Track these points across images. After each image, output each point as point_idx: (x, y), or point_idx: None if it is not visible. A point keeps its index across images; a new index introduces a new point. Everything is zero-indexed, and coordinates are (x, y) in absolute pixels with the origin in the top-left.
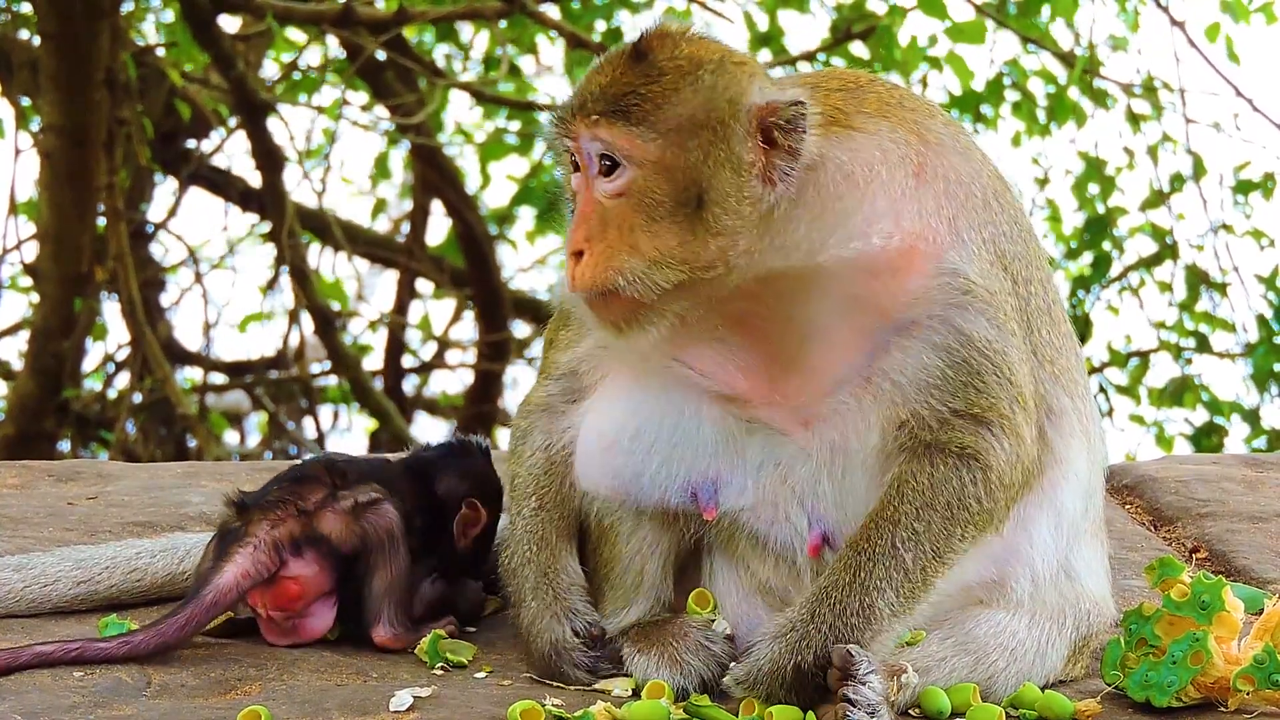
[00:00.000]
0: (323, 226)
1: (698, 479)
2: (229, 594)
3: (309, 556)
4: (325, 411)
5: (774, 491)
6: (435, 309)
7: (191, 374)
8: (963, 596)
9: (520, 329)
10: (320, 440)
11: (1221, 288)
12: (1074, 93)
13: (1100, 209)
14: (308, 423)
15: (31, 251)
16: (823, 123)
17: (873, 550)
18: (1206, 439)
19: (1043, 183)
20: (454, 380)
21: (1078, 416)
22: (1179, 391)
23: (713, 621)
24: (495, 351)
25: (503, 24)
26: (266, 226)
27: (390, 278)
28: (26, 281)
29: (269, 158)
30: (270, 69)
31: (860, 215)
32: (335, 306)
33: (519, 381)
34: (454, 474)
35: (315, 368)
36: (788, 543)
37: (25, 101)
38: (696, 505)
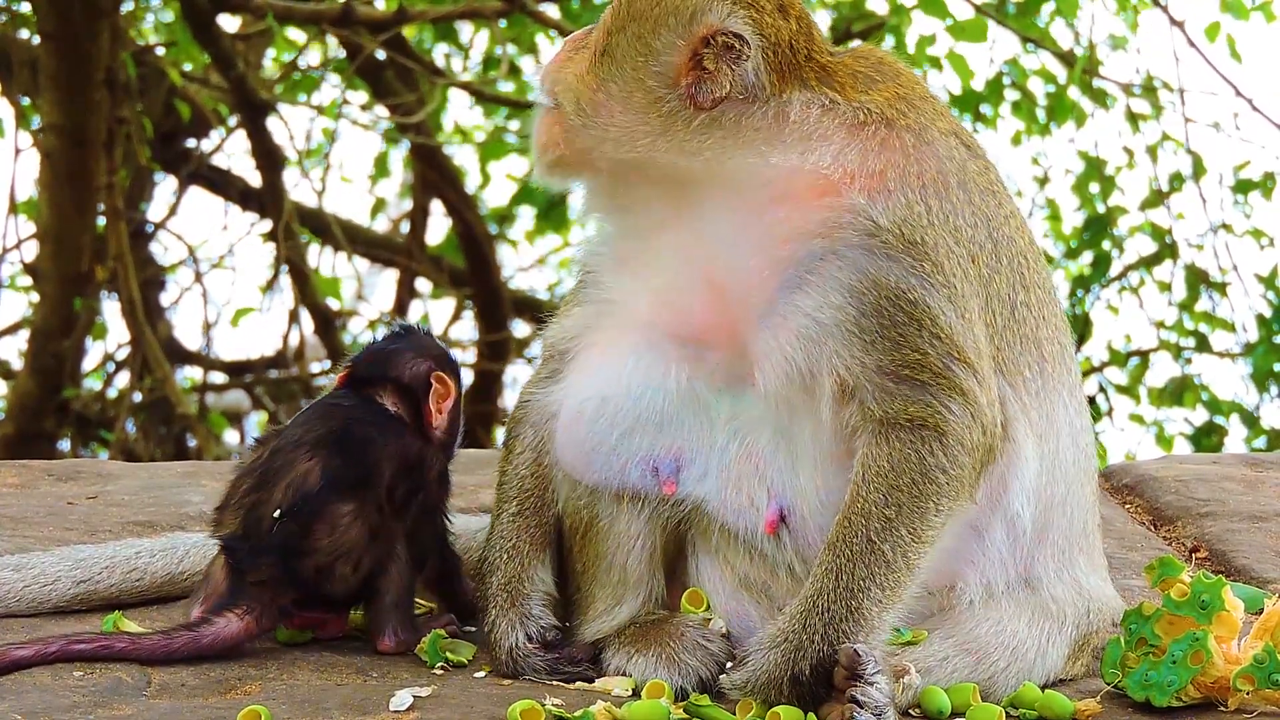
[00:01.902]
0: (322, 226)
1: (659, 453)
2: (227, 645)
3: (315, 609)
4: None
5: (737, 472)
6: (435, 308)
7: (191, 373)
8: (922, 602)
9: (520, 329)
10: None
11: (1221, 287)
12: (1074, 92)
13: (1100, 208)
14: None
15: (31, 251)
16: (800, 77)
17: (850, 550)
18: (1206, 439)
19: (1043, 182)
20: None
21: (1021, 412)
22: (1179, 391)
23: (708, 620)
24: (495, 351)
25: (502, 23)
26: (266, 226)
27: (390, 277)
28: (26, 281)
29: (269, 157)
30: (270, 69)
31: (770, 146)
32: (334, 306)
33: (519, 381)
34: (411, 356)
35: (315, 367)
36: (754, 529)
37: (25, 101)
38: (657, 480)
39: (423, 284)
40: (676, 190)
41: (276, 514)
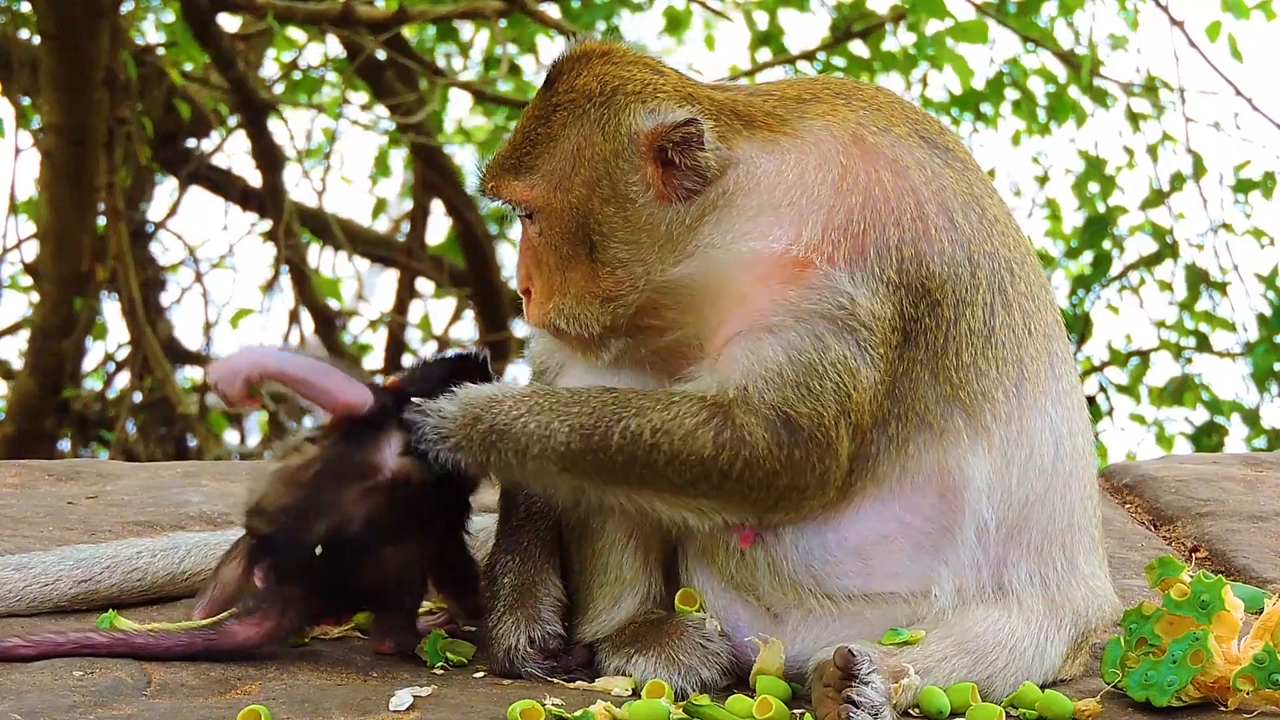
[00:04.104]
0: (322, 226)
1: None
2: (229, 650)
3: (334, 617)
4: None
5: None
6: (435, 308)
7: (191, 373)
8: (886, 608)
9: (521, 328)
10: None
11: (1221, 287)
12: (1074, 92)
13: (1100, 208)
14: (308, 422)
15: (31, 251)
16: (747, 129)
17: (600, 402)
18: (1206, 438)
19: (1043, 181)
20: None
21: (971, 434)
22: (1179, 391)
23: (704, 620)
24: (495, 351)
25: (503, 23)
26: (266, 226)
27: (390, 277)
28: (26, 281)
29: (269, 157)
30: (270, 69)
31: (765, 217)
32: (335, 306)
33: (519, 381)
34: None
35: None
36: (731, 537)
37: (25, 101)
38: None
39: (423, 284)
40: (661, 295)
41: (319, 550)
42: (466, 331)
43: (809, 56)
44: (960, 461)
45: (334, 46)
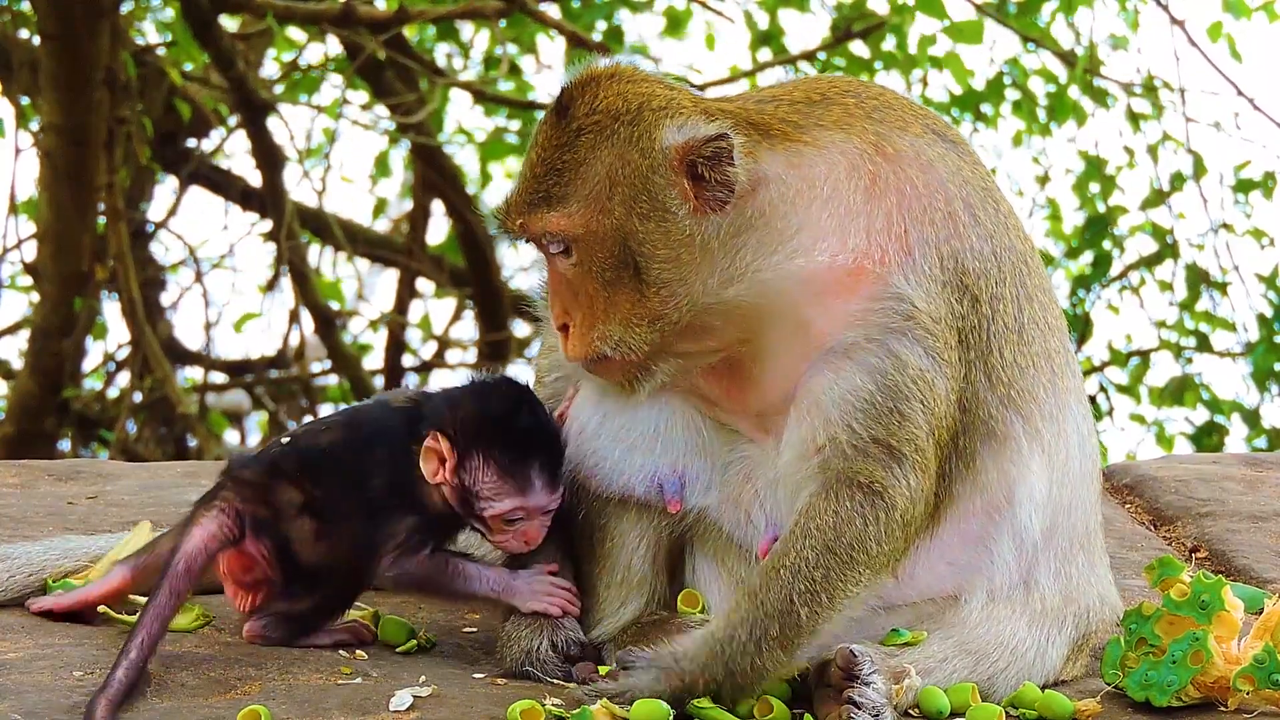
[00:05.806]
0: (323, 226)
1: (664, 471)
2: (198, 558)
3: (265, 543)
4: (325, 411)
5: (738, 490)
6: (435, 308)
7: (192, 373)
8: (915, 612)
9: (520, 328)
10: None
11: (1222, 287)
12: (1074, 92)
13: (1101, 208)
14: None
15: (31, 251)
16: (766, 140)
17: (771, 605)
18: (1207, 438)
19: (1043, 181)
20: (454, 380)
21: (1029, 439)
22: (1179, 391)
23: (705, 622)
24: (495, 351)
25: (503, 23)
26: (266, 226)
27: (390, 277)
28: (26, 281)
29: (269, 157)
30: (270, 69)
31: (806, 233)
32: (335, 306)
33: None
34: (429, 415)
35: (315, 367)
36: (749, 542)
37: (25, 101)
38: (662, 497)
39: (423, 284)
40: (715, 317)
41: (285, 440)
42: (467, 331)
43: (809, 56)
44: (1022, 469)
45: (334, 46)
